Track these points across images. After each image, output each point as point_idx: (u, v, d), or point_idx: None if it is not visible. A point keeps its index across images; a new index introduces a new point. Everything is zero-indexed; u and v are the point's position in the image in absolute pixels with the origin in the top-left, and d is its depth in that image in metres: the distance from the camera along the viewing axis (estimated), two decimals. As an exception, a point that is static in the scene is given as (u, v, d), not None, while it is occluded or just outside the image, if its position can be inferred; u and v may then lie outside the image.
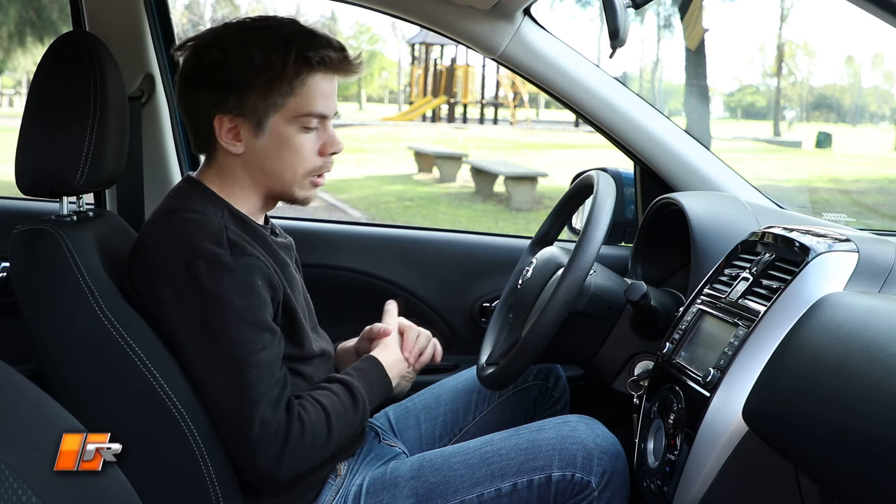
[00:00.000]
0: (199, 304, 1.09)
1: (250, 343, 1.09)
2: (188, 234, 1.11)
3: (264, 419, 1.08)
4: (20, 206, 1.84)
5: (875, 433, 0.75)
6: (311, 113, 1.15)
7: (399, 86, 27.70)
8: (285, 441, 1.09)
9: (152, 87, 1.79)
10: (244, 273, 1.10)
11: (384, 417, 1.46)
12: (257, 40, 1.14)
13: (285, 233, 1.33)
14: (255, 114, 1.15)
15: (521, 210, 8.74)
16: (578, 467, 1.16)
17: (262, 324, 1.11)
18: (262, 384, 1.08)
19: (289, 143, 1.16)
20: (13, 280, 1.16)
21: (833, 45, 26.64)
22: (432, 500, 1.18)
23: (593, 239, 1.22)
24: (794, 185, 11.34)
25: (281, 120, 1.15)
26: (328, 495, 1.21)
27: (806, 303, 0.98)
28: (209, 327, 1.09)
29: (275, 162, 1.18)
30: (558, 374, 1.49)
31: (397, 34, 25.94)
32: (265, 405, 1.08)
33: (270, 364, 1.10)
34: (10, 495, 0.68)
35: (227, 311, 1.08)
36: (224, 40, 1.16)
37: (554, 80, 1.57)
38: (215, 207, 1.16)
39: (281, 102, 1.14)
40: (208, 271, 1.08)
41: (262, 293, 1.11)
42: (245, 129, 1.16)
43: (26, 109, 1.17)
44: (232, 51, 1.14)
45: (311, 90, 1.15)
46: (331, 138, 1.19)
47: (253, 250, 1.14)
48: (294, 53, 1.13)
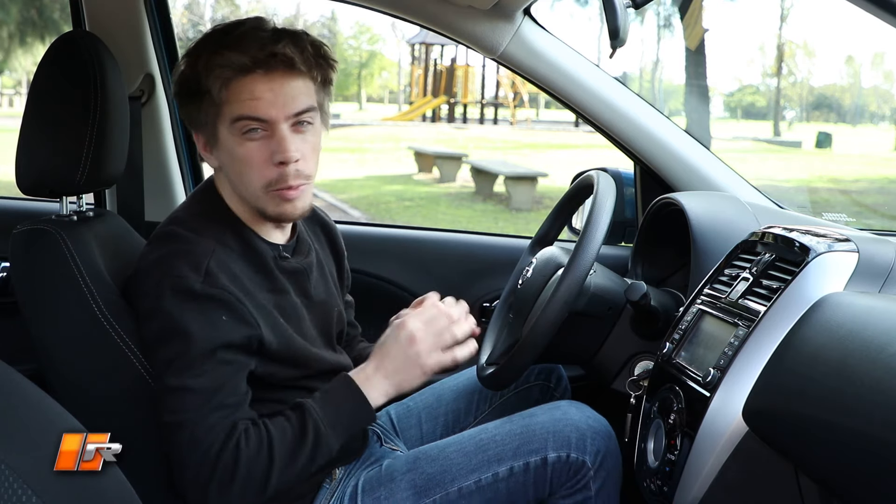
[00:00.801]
0: (154, 324, 1.08)
1: (196, 368, 1.05)
2: (169, 252, 1.10)
3: (193, 442, 1.04)
4: (20, 206, 1.85)
5: (875, 433, 0.75)
6: (241, 117, 1.09)
7: (399, 86, 27.71)
8: (213, 469, 1.04)
9: (152, 87, 1.79)
10: (208, 303, 1.07)
11: (386, 416, 1.46)
12: (204, 46, 1.12)
13: (319, 248, 1.30)
14: (206, 125, 1.13)
15: (521, 210, 8.74)
16: (573, 448, 1.17)
17: (212, 355, 1.06)
18: (196, 409, 1.05)
19: (234, 152, 1.11)
20: (13, 280, 1.16)
21: (833, 45, 26.65)
22: (430, 490, 1.17)
23: (593, 239, 1.22)
24: (794, 185, 11.34)
25: (224, 129, 1.11)
26: (323, 499, 1.21)
27: (806, 303, 0.98)
28: (155, 350, 1.08)
29: (233, 175, 1.14)
30: (560, 374, 1.49)
31: (397, 34, 25.98)
32: (198, 428, 1.04)
33: (211, 392, 1.06)
34: (10, 495, 0.68)
35: (175, 337, 1.06)
36: (191, 50, 1.14)
37: (554, 80, 1.57)
38: (220, 226, 1.14)
39: (216, 111, 1.11)
40: (172, 294, 1.07)
41: (222, 328, 1.07)
42: (206, 143, 1.15)
43: (27, 109, 1.17)
44: (189, 61, 1.13)
45: (236, 94, 1.09)
46: (277, 145, 1.10)
47: (229, 284, 1.09)
48: (204, 60, 1.10)
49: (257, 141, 1.10)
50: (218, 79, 1.09)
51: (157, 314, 1.07)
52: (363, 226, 3.40)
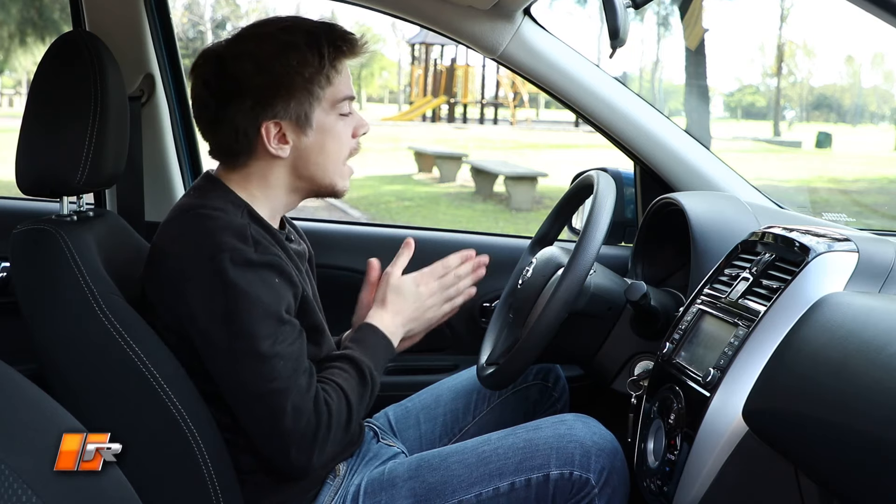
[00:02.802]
0: (224, 300, 1.08)
1: (275, 335, 1.09)
2: (211, 230, 1.10)
3: (296, 409, 1.08)
4: (20, 206, 1.84)
5: (875, 433, 0.75)
6: (345, 97, 1.19)
7: (399, 86, 27.71)
8: (317, 428, 1.09)
9: (152, 87, 1.79)
10: (267, 269, 1.11)
11: (384, 417, 1.46)
12: (286, 41, 1.14)
13: (301, 237, 1.34)
14: (300, 112, 1.16)
15: (521, 210, 8.74)
16: (576, 465, 1.16)
17: (284, 319, 1.11)
18: (289, 376, 1.09)
19: (332, 132, 1.19)
20: (13, 280, 1.15)
21: (833, 45, 26.66)
22: (430, 500, 1.17)
23: (593, 239, 1.22)
24: (794, 185, 11.34)
25: (322, 112, 1.18)
26: (327, 495, 1.21)
27: (806, 303, 0.98)
28: (234, 323, 1.09)
29: (320, 155, 1.19)
30: (558, 373, 1.49)
31: (397, 34, 25.95)
32: (295, 395, 1.09)
33: (296, 355, 1.11)
34: (10, 495, 0.68)
35: (252, 306, 1.08)
36: (248, 48, 1.15)
37: (554, 80, 1.57)
38: (235, 207, 1.16)
39: (321, 95, 1.17)
40: (233, 265, 1.08)
41: (281, 290, 1.12)
42: (290, 130, 1.17)
43: (27, 109, 1.17)
44: (263, 57, 1.14)
45: (342, 76, 1.19)
46: (360, 120, 1.23)
47: (274, 249, 1.15)
48: (326, 45, 1.16)
49: (347, 117, 1.21)
50: (334, 64, 1.17)
51: (222, 290, 1.08)
52: (363, 226, 3.40)
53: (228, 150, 1.18)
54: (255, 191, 1.19)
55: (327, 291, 1.41)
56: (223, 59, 1.16)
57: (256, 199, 1.19)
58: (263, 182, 1.19)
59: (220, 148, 1.19)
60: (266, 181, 1.19)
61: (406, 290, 1.29)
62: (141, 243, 1.32)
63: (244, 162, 1.19)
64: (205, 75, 1.16)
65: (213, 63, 1.16)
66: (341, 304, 1.38)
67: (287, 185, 1.21)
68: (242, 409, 1.11)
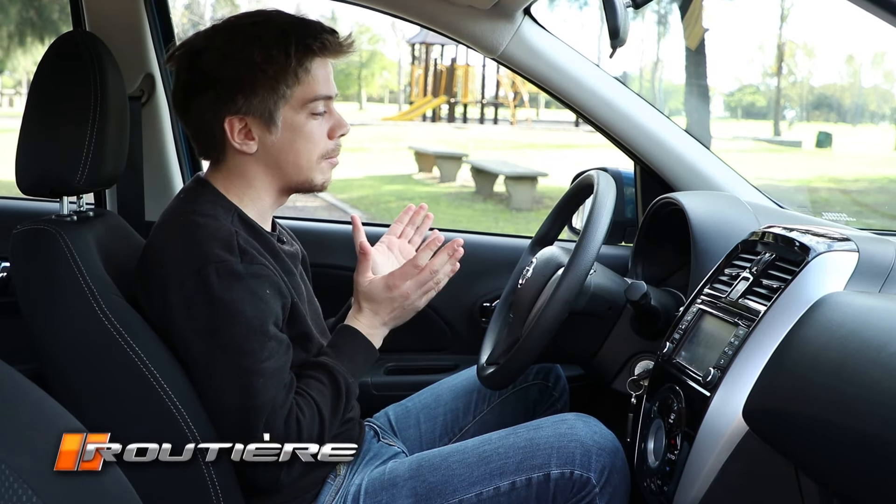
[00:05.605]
0: (208, 311, 1.08)
1: (257, 352, 1.08)
2: (199, 239, 1.10)
3: (267, 426, 1.08)
4: (20, 206, 1.84)
5: (875, 433, 0.75)
6: (317, 97, 1.16)
7: (399, 86, 27.67)
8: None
9: (152, 87, 1.79)
10: (254, 281, 1.10)
11: (384, 417, 1.46)
12: (254, 36, 1.13)
13: (293, 238, 1.33)
14: (264, 109, 1.15)
15: (521, 210, 8.74)
16: (577, 464, 1.16)
17: (269, 333, 1.10)
18: (267, 393, 1.08)
19: (301, 131, 1.17)
20: (13, 280, 1.15)
21: (833, 45, 26.63)
22: (431, 499, 1.18)
23: (593, 239, 1.22)
24: (794, 184, 11.33)
25: (290, 110, 1.16)
26: (327, 495, 1.21)
27: (806, 302, 0.98)
28: (217, 335, 1.08)
29: (289, 153, 1.18)
30: (558, 373, 1.49)
31: (397, 34, 25.92)
32: (269, 413, 1.08)
33: (278, 372, 1.10)
34: (10, 495, 0.68)
35: (235, 320, 1.08)
36: (217, 42, 1.15)
37: (554, 80, 1.57)
38: (226, 212, 1.16)
39: (288, 93, 1.15)
40: (219, 278, 1.08)
41: (270, 302, 1.11)
42: (256, 127, 1.16)
43: (26, 109, 1.17)
44: (229, 51, 1.13)
45: (314, 76, 1.16)
46: (338, 121, 1.20)
47: (262, 258, 1.13)
48: (294, 43, 1.13)
49: (320, 118, 1.18)
50: (301, 62, 1.14)
51: (206, 303, 1.08)
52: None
53: (201, 144, 1.19)
54: (240, 191, 1.19)
55: (327, 291, 1.41)
56: (193, 51, 1.16)
57: (243, 200, 1.19)
58: (244, 181, 1.19)
59: (199, 146, 1.20)
60: (246, 179, 1.19)
61: (378, 295, 1.24)
62: (141, 243, 1.32)
63: (217, 158, 1.19)
64: (177, 66, 1.17)
65: (185, 54, 1.16)
66: (341, 304, 1.38)
67: (266, 183, 1.20)
68: (218, 421, 1.10)
